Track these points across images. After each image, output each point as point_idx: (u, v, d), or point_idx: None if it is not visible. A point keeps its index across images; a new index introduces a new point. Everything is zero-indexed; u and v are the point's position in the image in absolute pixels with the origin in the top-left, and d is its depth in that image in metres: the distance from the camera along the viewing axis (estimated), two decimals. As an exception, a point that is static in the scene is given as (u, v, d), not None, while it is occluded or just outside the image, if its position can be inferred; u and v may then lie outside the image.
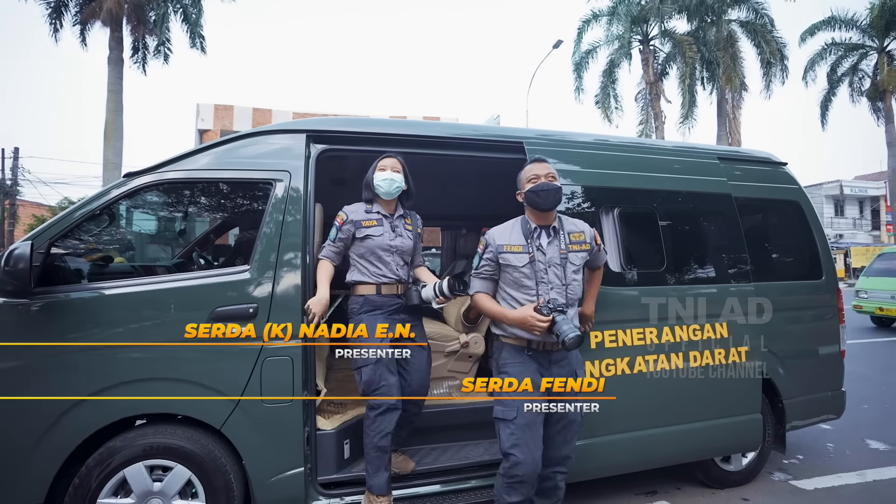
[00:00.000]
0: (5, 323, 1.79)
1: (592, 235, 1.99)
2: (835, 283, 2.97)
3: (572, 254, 1.90)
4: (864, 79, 22.46)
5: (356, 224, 2.10)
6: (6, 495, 1.75)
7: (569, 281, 1.88)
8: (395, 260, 2.14)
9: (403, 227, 2.19)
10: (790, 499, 2.57)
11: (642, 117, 19.48)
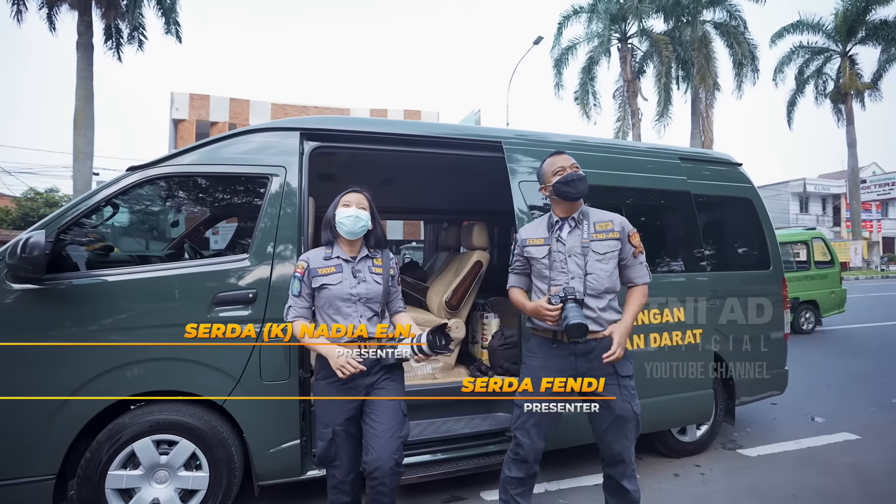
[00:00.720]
0: (18, 307, 1.90)
1: (622, 226, 1.92)
2: (780, 274, 3.29)
3: (595, 242, 1.88)
4: (827, 82, 23.54)
5: (313, 272, 1.83)
6: (24, 466, 1.88)
7: (590, 270, 1.86)
8: (358, 310, 1.82)
9: (369, 270, 1.87)
10: (736, 464, 2.88)
11: (620, 114, 19.98)
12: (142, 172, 2.14)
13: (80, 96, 13.98)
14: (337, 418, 1.80)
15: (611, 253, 1.89)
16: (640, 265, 1.94)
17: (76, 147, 14.15)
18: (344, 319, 1.80)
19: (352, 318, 1.81)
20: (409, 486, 2.49)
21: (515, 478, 1.94)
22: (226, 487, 2.10)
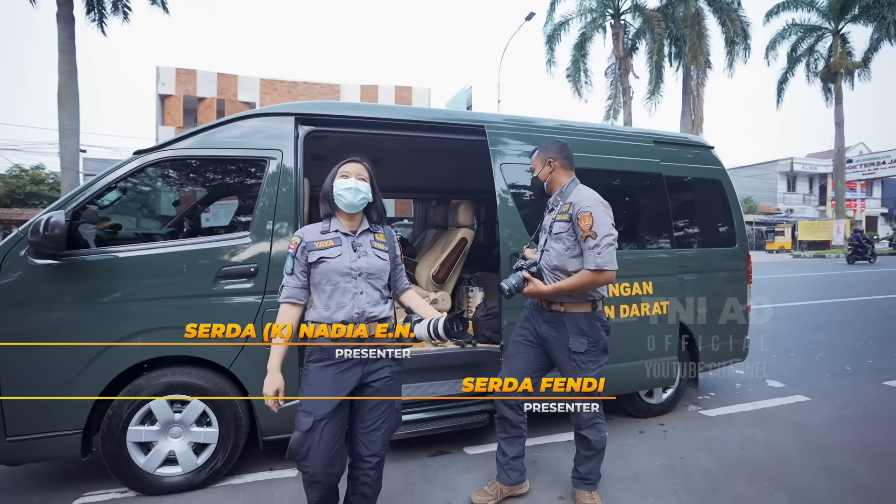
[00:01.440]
0: (41, 280, 2.08)
1: (574, 207, 1.97)
2: (746, 250, 3.55)
3: (556, 223, 2.05)
4: (818, 60, 23.61)
5: (308, 246, 1.68)
6: (54, 422, 2.09)
7: (547, 247, 2.08)
8: (358, 286, 1.68)
9: (371, 245, 1.74)
10: (696, 422, 3.19)
11: (611, 92, 19.97)
12: (148, 156, 2.29)
13: (63, 71, 13.67)
14: (324, 407, 1.59)
15: (562, 234, 2.01)
16: (588, 250, 1.92)
17: (61, 123, 13.91)
18: (342, 295, 1.65)
19: (350, 293, 1.67)
20: (399, 441, 2.76)
21: (495, 417, 2.25)
22: (233, 442, 2.34)
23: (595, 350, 2.03)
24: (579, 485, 2.15)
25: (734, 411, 3.38)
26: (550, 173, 2.15)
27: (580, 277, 1.95)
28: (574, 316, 2.02)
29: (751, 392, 3.80)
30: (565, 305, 2.03)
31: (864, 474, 2.42)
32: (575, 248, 2.00)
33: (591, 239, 1.92)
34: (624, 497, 2.25)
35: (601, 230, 1.92)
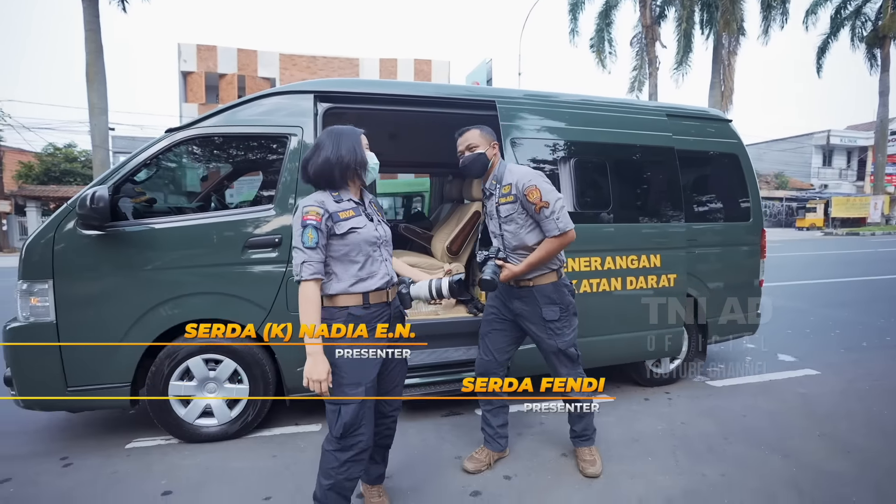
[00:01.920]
0: (89, 249, 2.29)
1: (517, 187, 2.01)
2: (760, 225, 3.54)
3: (501, 206, 2.09)
4: (865, 23, 22.11)
5: (333, 217, 1.59)
6: (105, 375, 2.34)
7: (501, 231, 2.12)
8: (382, 255, 1.70)
9: (375, 213, 1.74)
10: (701, 392, 3.28)
11: (636, 63, 19.28)
12: (179, 134, 2.45)
13: (90, 50, 13.98)
14: (370, 373, 1.62)
15: (512, 215, 2.05)
16: (546, 220, 1.98)
17: (91, 102, 14.31)
18: (372, 264, 1.63)
19: (378, 261, 1.65)
20: (416, 402, 2.97)
21: (479, 393, 2.27)
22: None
23: (567, 315, 2.14)
24: (578, 443, 2.29)
25: (741, 383, 3.45)
26: (494, 154, 2.16)
27: (547, 246, 2.02)
28: (542, 288, 2.10)
29: (760, 365, 3.84)
30: (533, 280, 2.10)
31: (861, 441, 2.49)
32: (528, 223, 2.06)
33: (545, 209, 1.98)
34: (624, 455, 2.38)
35: (550, 197, 1.99)
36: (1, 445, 2.53)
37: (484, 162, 2.12)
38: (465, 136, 2.15)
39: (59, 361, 2.29)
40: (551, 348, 2.14)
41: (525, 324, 2.18)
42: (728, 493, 2.05)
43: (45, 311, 2.26)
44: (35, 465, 2.33)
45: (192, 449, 2.46)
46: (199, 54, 24.76)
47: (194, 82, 25.06)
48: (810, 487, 2.08)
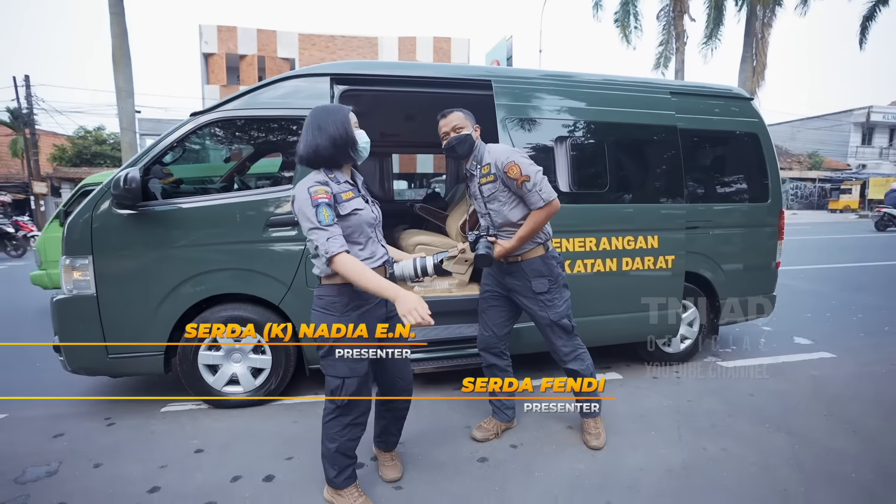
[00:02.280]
0: (124, 227, 2.46)
1: (496, 166, 2.05)
2: (778, 206, 3.48)
3: (483, 186, 2.15)
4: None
5: (338, 197, 1.60)
6: (143, 339, 2.53)
7: (487, 210, 2.17)
8: (378, 235, 1.75)
9: (368, 195, 1.78)
10: (711, 372, 3.31)
11: (663, 38, 18.51)
12: (202, 117, 2.57)
13: (115, 33, 14.22)
14: (370, 348, 1.69)
15: (495, 193, 2.11)
16: (530, 192, 2.03)
17: (117, 86, 14.63)
18: (373, 245, 1.68)
19: (377, 242, 1.70)
20: (429, 375, 3.10)
21: (483, 367, 2.46)
22: (283, 368, 2.73)
23: (556, 287, 2.19)
24: (584, 415, 2.36)
25: (752, 364, 3.46)
26: (477, 138, 2.20)
27: (534, 219, 2.07)
28: (531, 262, 2.17)
29: (774, 347, 3.84)
30: (522, 255, 2.17)
31: (868, 421, 2.51)
32: (511, 199, 2.12)
33: (526, 182, 2.03)
34: (629, 429, 2.46)
35: (530, 171, 2.03)
36: (54, 405, 2.79)
37: (471, 143, 2.16)
38: (449, 118, 2.17)
39: (100, 331, 2.49)
40: (544, 320, 2.21)
41: (518, 298, 2.26)
42: (726, 465, 2.12)
43: (86, 284, 2.45)
44: (83, 423, 2.56)
45: (220, 413, 2.65)
46: (219, 35, 24.93)
47: (215, 64, 25.31)
48: (810, 463, 2.13)
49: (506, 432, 2.44)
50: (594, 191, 3.00)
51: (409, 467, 2.12)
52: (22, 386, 3.09)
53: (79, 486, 1.98)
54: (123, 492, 1.94)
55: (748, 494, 1.91)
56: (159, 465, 2.13)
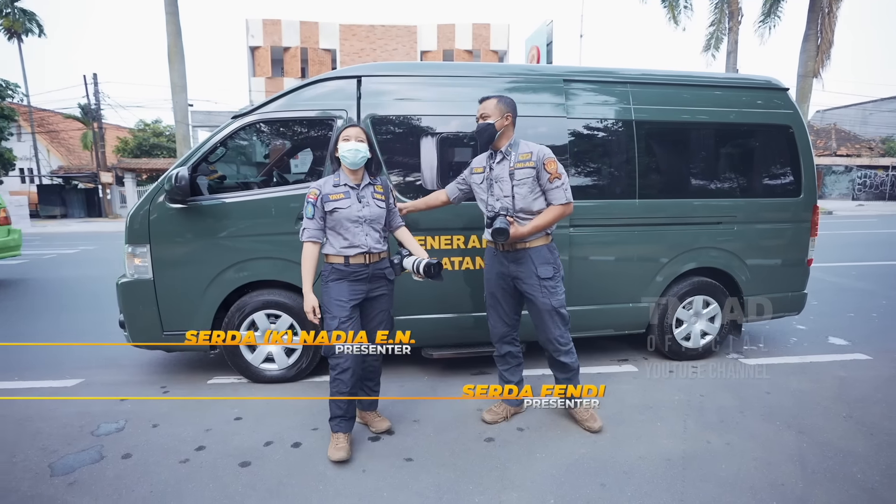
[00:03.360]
0: (176, 219, 2.77)
1: (538, 156, 2.24)
2: (812, 201, 3.37)
3: (517, 171, 2.27)
4: None
5: (325, 198, 2.12)
6: (192, 319, 2.86)
7: (513, 193, 2.27)
8: (364, 230, 2.14)
9: (371, 196, 2.19)
10: (730, 368, 3.28)
11: (715, 17, 17.45)
12: (242, 120, 2.82)
13: (170, 32, 15.11)
14: (343, 310, 2.12)
15: (527, 179, 2.25)
16: (556, 189, 2.24)
17: (172, 81, 15.59)
18: (354, 237, 2.12)
19: (358, 236, 2.13)
20: (449, 361, 3.28)
21: (496, 356, 2.60)
22: (314, 349, 2.98)
23: (558, 275, 2.34)
24: (569, 404, 2.48)
25: (777, 362, 3.40)
26: (504, 125, 2.29)
27: (553, 212, 2.26)
28: (538, 249, 2.31)
29: (805, 346, 3.73)
30: (528, 242, 2.29)
31: (890, 425, 2.45)
32: (536, 190, 2.27)
33: (557, 180, 2.24)
34: (635, 419, 2.54)
35: (561, 171, 2.27)
36: (119, 374, 3.20)
37: (491, 132, 2.27)
38: (482, 105, 2.33)
39: (156, 310, 2.83)
40: (546, 307, 2.31)
41: (521, 285, 2.35)
42: (727, 459, 2.16)
43: (145, 269, 2.79)
44: (143, 389, 2.94)
45: (257, 387, 2.96)
46: (264, 29, 25.85)
47: (261, 56, 26.31)
48: (815, 461, 2.14)
49: (515, 416, 2.59)
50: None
51: (419, 442, 2.32)
52: (96, 356, 3.55)
53: (140, 441, 2.32)
54: (176, 448, 2.25)
55: (742, 486, 1.96)
56: (205, 428, 2.44)
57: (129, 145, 24.72)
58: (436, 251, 2.93)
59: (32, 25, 23.26)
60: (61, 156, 26.23)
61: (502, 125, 2.29)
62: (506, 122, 2.30)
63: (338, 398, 2.18)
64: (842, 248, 8.87)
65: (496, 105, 2.29)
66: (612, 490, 1.94)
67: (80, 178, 22.13)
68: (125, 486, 1.97)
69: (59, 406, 2.71)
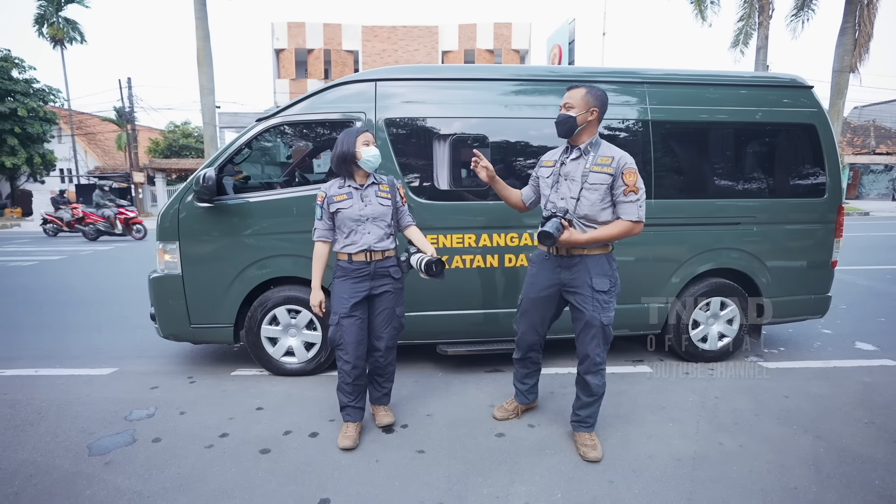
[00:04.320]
0: (203, 218, 2.91)
1: (619, 162, 2.04)
2: (837, 202, 3.29)
3: (592, 174, 2.07)
4: None
5: (329, 199, 2.23)
6: (217, 313, 3.01)
7: (580, 196, 2.09)
8: (367, 228, 2.22)
9: (375, 194, 2.25)
10: (749, 371, 3.24)
11: (744, 11, 16.95)
12: (265, 123, 2.95)
13: (199, 36, 15.65)
14: (344, 307, 2.22)
15: (600, 185, 2.06)
16: (630, 203, 2.05)
17: (201, 84, 16.14)
18: (355, 235, 2.21)
19: (360, 233, 2.21)
20: (463, 358, 3.35)
21: (515, 359, 2.49)
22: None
23: (614, 289, 2.16)
24: (579, 427, 2.27)
25: (798, 366, 3.33)
26: (588, 120, 2.10)
27: (619, 227, 2.07)
28: (596, 258, 2.13)
29: (829, 351, 3.64)
30: (587, 250, 2.12)
31: (915, 433, 2.39)
32: (607, 199, 2.08)
33: (633, 193, 2.04)
34: (646, 419, 2.55)
35: (640, 185, 2.07)
36: (149, 364, 3.38)
37: (571, 125, 2.09)
38: (568, 94, 2.13)
39: (184, 304, 2.98)
40: (595, 321, 2.12)
41: (570, 295, 2.18)
42: (739, 460, 2.15)
43: (174, 265, 2.95)
44: (172, 379, 3.10)
45: (277, 380, 3.08)
46: (289, 31, 26.40)
47: (286, 59, 26.88)
48: (831, 466, 2.11)
49: (527, 413, 2.62)
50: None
51: (432, 436, 2.38)
52: (129, 346, 3.75)
53: (169, 426, 2.46)
54: (201, 434, 2.38)
55: (752, 488, 1.95)
56: (228, 416, 2.57)
57: (159, 146, 25.66)
58: (447, 249, 3.00)
59: (75, 33, 24.40)
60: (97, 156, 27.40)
61: (585, 119, 2.09)
62: (590, 117, 2.10)
63: (343, 388, 2.31)
64: (877, 251, 8.53)
65: (583, 96, 2.09)
66: (620, 487, 1.96)
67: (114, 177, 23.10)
68: (155, 467, 2.10)
69: (96, 392, 2.89)
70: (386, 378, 2.50)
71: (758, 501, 1.88)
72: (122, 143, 24.12)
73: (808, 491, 1.94)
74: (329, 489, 1.96)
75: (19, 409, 2.66)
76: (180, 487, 1.96)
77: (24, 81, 19.64)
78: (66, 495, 1.91)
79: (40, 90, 20.67)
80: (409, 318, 2.76)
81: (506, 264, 3.07)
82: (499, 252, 3.06)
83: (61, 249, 10.08)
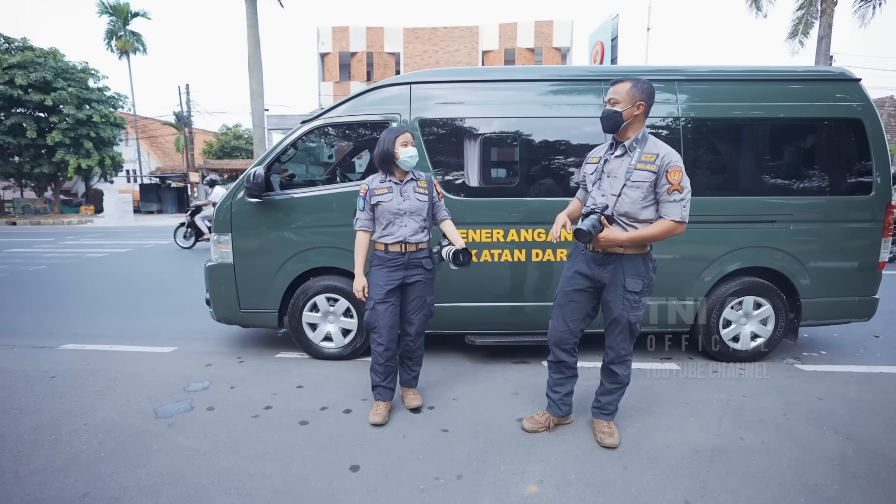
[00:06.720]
0: (252, 212, 3.20)
1: (664, 160, 1.97)
2: (886, 200, 3.15)
3: (636, 171, 2.01)
4: None
5: (371, 192, 2.41)
6: (263, 303, 3.29)
7: (621, 193, 2.03)
8: (404, 221, 2.39)
9: (413, 190, 2.42)
10: (782, 373, 3.15)
11: (803, 1, 15.90)
12: (310, 124, 3.20)
13: (250, 43, 16.51)
14: (379, 293, 2.39)
15: (643, 182, 2.00)
16: (673, 203, 1.97)
17: (252, 88, 17.01)
18: (391, 227, 2.39)
19: (397, 225, 2.39)
20: (489, 349, 3.47)
21: (549, 362, 2.37)
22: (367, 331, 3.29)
23: (647, 290, 2.13)
24: (598, 414, 2.32)
25: (838, 370, 3.21)
26: (634, 115, 2.04)
27: (662, 227, 2.01)
28: (632, 258, 2.08)
29: (877, 356, 3.47)
30: (623, 249, 2.08)
31: (959, 440, 2.28)
32: (650, 197, 2.02)
33: (677, 192, 1.97)
34: (668, 412, 2.57)
35: (685, 184, 1.99)
36: (204, 345, 3.73)
37: (616, 121, 2.03)
38: (613, 88, 2.07)
39: (235, 290, 3.29)
40: (623, 319, 2.12)
41: (605, 292, 2.17)
42: (759, 456, 2.15)
43: (227, 255, 3.26)
44: (223, 358, 3.42)
45: (317, 362, 3.33)
46: (334, 35, 27.31)
47: (330, 62, 27.84)
48: (857, 467, 2.07)
49: (558, 427, 2.43)
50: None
51: (456, 417, 2.53)
52: (187, 329, 4.15)
53: (221, 398, 2.75)
54: (248, 406, 2.65)
55: (770, 482, 1.96)
56: (272, 392, 2.83)
57: (213, 148, 27.33)
58: (475, 244, 3.13)
59: (140, 45, 26.44)
60: (158, 158, 29.53)
61: (631, 114, 2.03)
62: (636, 112, 2.03)
63: (375, 368, 2.50)
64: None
65: (629, 91, 2.02)
66: (633, 472, 2.03)
67: (172, 177, 24.82)
68: (209, 430, 2.38)
69: (159, 366, 3.26)
70: (415, 362, 2.67)
71: (773, 493, 1.89)
72: (180, 145, 25.87)
73: (830, 488, 1.93)
74: (359, 458, 2.15)
75: (99, 377, 3.05)
76: (230, 448, 2.22)
77: (98, 90, 21.46)
78: (139, 448, 2.22)
79: (111, 97, 22.54)
80: (439, 308, 2.92)
81: (533, 258, 3.17)
82: (526, 247, 3.16)
83: (126, 243, 11.03)
